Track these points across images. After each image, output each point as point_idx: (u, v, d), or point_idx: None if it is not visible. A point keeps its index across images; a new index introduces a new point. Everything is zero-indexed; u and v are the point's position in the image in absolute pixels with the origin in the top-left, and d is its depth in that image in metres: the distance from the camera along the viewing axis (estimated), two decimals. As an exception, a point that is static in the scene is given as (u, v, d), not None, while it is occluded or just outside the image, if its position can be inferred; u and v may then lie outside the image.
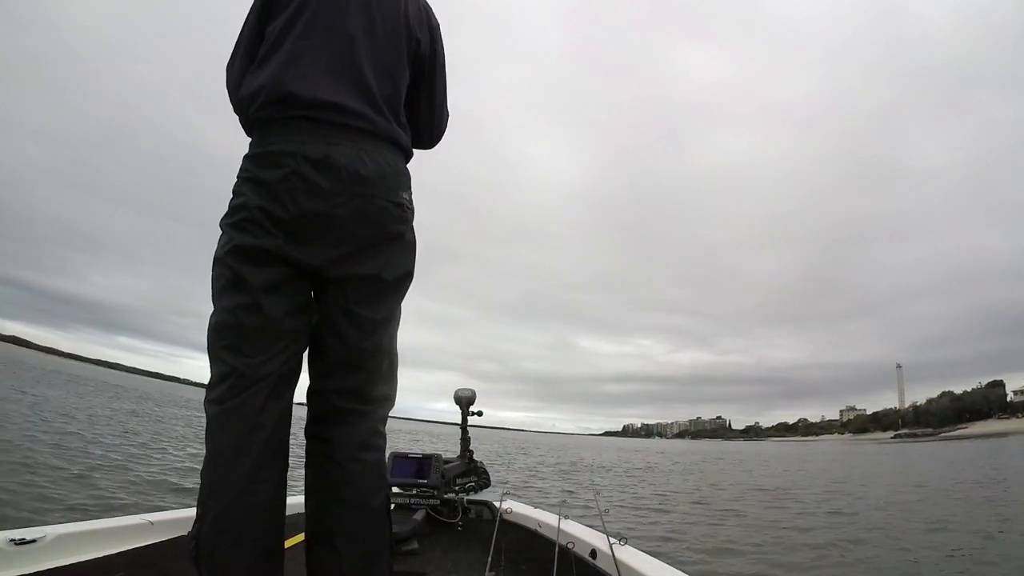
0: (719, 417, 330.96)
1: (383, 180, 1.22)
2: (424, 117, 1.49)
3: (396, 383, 1.39)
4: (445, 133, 1.59)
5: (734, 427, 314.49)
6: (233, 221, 1.19)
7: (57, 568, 1.57)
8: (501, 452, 22.69)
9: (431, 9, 1.47)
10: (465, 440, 3.02)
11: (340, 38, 1.25)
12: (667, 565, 1.82)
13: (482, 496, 2.89)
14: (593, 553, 2.04)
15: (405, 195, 1.30)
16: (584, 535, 2.19)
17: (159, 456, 8.26)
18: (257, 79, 1.24)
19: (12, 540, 1.55)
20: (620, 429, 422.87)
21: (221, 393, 1.14)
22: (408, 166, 1.38)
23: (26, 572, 1.49)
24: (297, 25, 1.25)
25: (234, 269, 1.17)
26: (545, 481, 10.68)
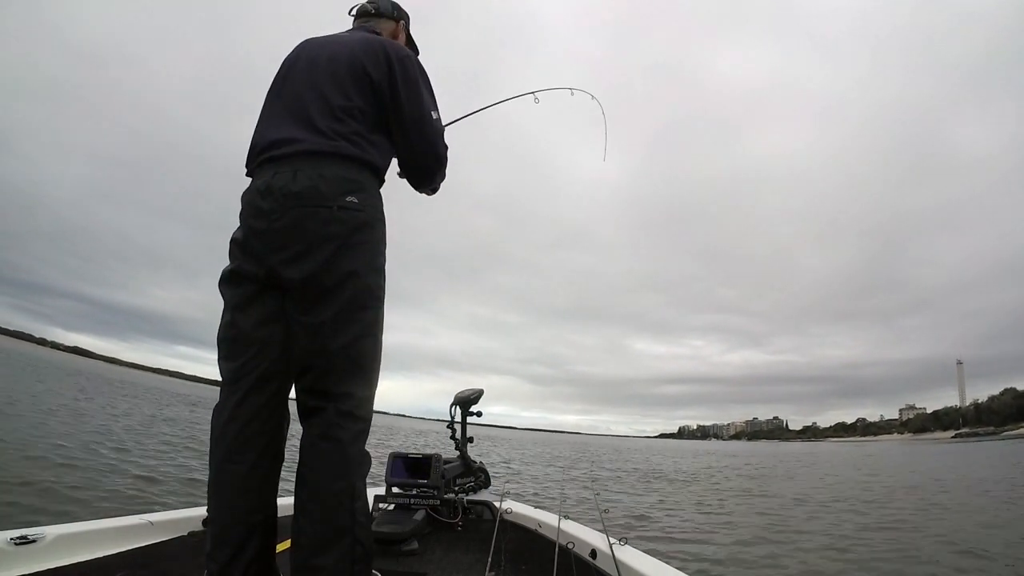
0: (776, 417, 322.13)
1: (315, 190, 1.40)
2: (400, 140, 1.63)
3: (363, 383, 1.44)
4: (443, 156, 1.70)
5: (791, 427, 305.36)
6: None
7: (57, 568, 1.59)
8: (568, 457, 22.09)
9: (392, 45, 1.65)
10: (464, 440, 3.01)
11: (291, 93, 1.57)
12: (667, 565, 1.78)
13: (482, 496, 2.89)
14: (593, 553, 2.01)
15: (350, 198, 1.43)
16: (584, 535, 2.16)
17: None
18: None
19: (12, 540, 1.58)
20: (676, 431, 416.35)
21: (220, 393, 1.43)
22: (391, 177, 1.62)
23: (26, 572, 1.52)
24: (270, 94, 1.63)
25: (222, 293, 1.49)
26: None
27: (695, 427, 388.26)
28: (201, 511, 2.20)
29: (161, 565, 1.76)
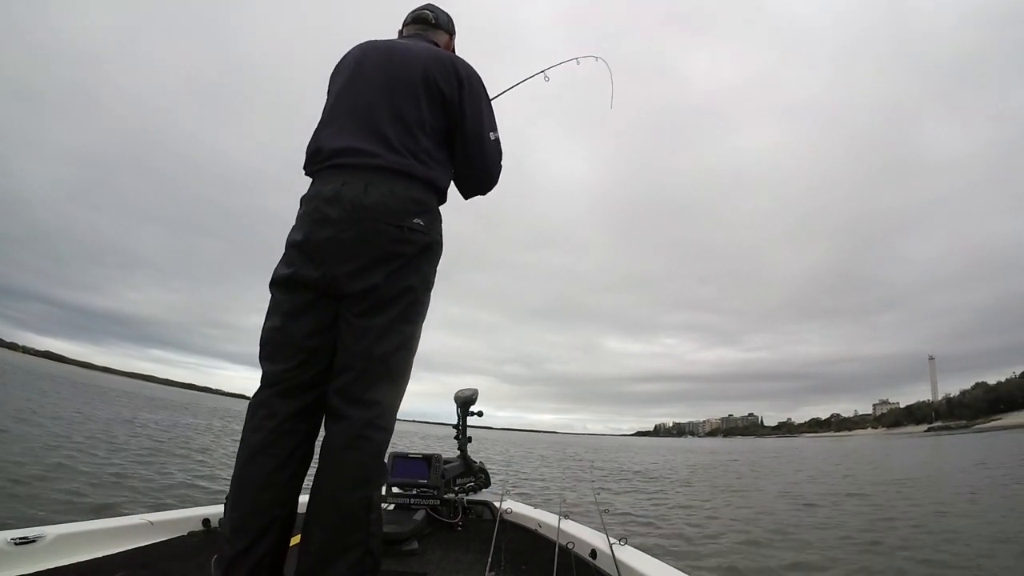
0: (751, 414, 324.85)
1: (385, 207, 1.43)
2: (460, 158, 1.67)
3: (392, 392, 1.46)
4: (497, 176, 1.75)
5: (766, 424, 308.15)
6: (282, 257, 1.52)
7: (57, 568, 1.58)
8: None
9: (460, 62, 1.67)
10: (464, 440, 3.02)
11: (361, 99, 1.56)
12: (667, 565, 1.79)
13: (482, 496, 2.90)
14: (593, 553, 2.02)
15: (417, 220, 1.48)
16: (584, 535, 2.17)
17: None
18: (308, 145, 1.59)
19: (12, 540, 1.57)
20: (652, 429, 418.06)
21: (257, 391, 1.46)
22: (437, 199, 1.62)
23: (26, 572, 1.51)
24: (334, 97, 1.62)
25: (273, 295, 1.50)
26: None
27: (671, 424, 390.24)
28: (201, 511, 2.20)
29: (161, 565, 1.75)
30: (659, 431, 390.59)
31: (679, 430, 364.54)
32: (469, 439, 3.02)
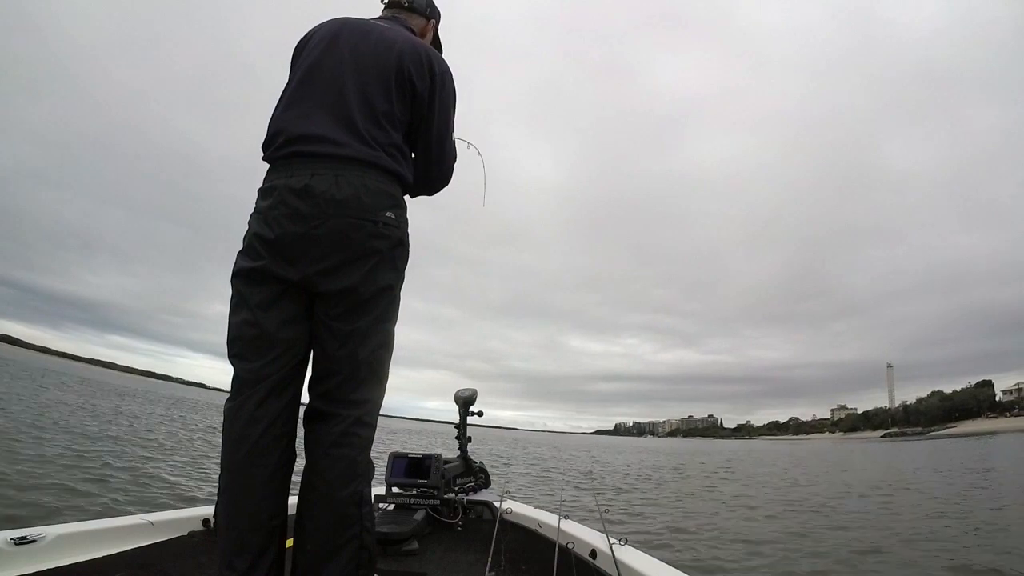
0: (711, 416, 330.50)
1: (358, 202, 1.38)
2: (420, 155, 1.63)
3: (377, 390, 1.47)
4: (449, 178, 1.73)
5: (725, 426, 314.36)
6: (241, 248, 1.44)
7: (57, 568, 1.57)
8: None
9: (436, 58, 1.62)
10: (464, 440, 3.03)
11: (332, 83, 1.48)
12: (667, 565, 1.82)
13: (482, 496, 2.91)
14: (593, 553, 2.04)
15: (389, 214, 1.44)
16: (584, 535, 2.20)
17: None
18: (268, 127, 1.51)
19: (12, 540, 1.55)
20: (612, 428, 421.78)
21: (232, 394, 1.39)
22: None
23: (26, 572, 1.49)
24: (299, 76, 1.52)
25: (238, 289, 1.41)
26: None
27: (631, 424, 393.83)
28: (201, 511, 2.17)
29: (161, 565, 1.74)
30: (619, 430, 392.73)
31: (639, 430, 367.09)
32: (469, 439, 3.03)
